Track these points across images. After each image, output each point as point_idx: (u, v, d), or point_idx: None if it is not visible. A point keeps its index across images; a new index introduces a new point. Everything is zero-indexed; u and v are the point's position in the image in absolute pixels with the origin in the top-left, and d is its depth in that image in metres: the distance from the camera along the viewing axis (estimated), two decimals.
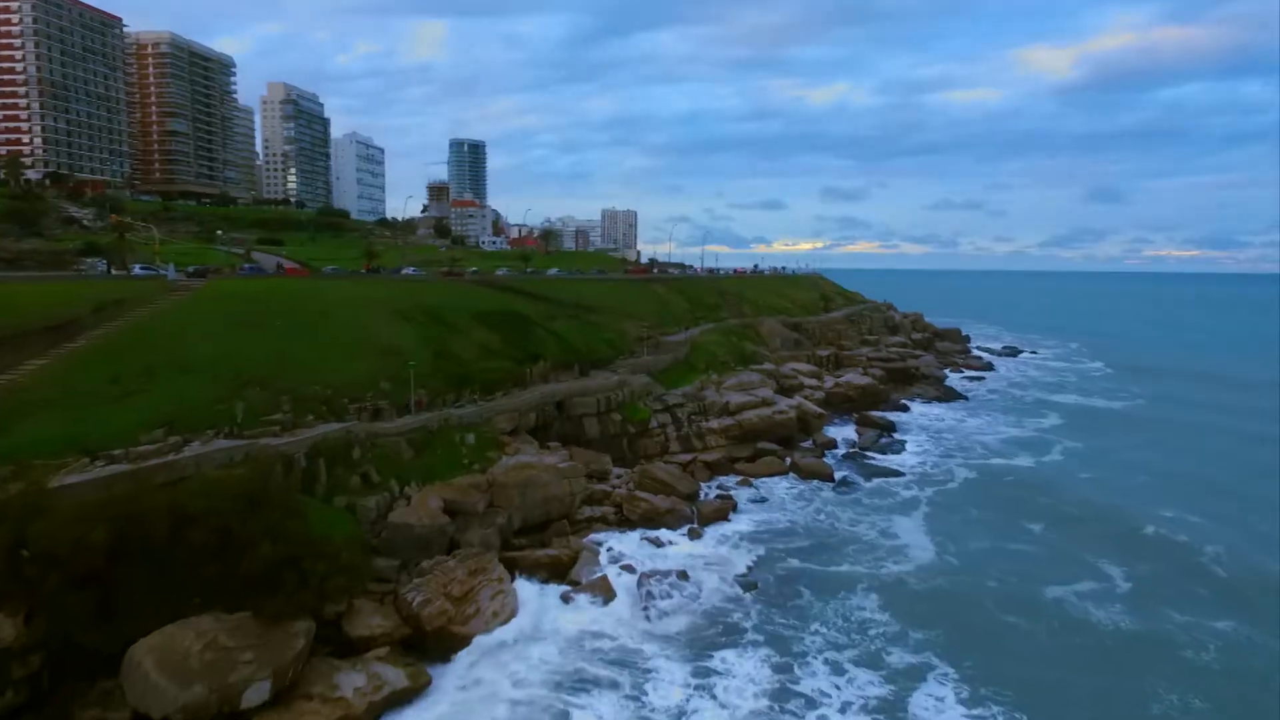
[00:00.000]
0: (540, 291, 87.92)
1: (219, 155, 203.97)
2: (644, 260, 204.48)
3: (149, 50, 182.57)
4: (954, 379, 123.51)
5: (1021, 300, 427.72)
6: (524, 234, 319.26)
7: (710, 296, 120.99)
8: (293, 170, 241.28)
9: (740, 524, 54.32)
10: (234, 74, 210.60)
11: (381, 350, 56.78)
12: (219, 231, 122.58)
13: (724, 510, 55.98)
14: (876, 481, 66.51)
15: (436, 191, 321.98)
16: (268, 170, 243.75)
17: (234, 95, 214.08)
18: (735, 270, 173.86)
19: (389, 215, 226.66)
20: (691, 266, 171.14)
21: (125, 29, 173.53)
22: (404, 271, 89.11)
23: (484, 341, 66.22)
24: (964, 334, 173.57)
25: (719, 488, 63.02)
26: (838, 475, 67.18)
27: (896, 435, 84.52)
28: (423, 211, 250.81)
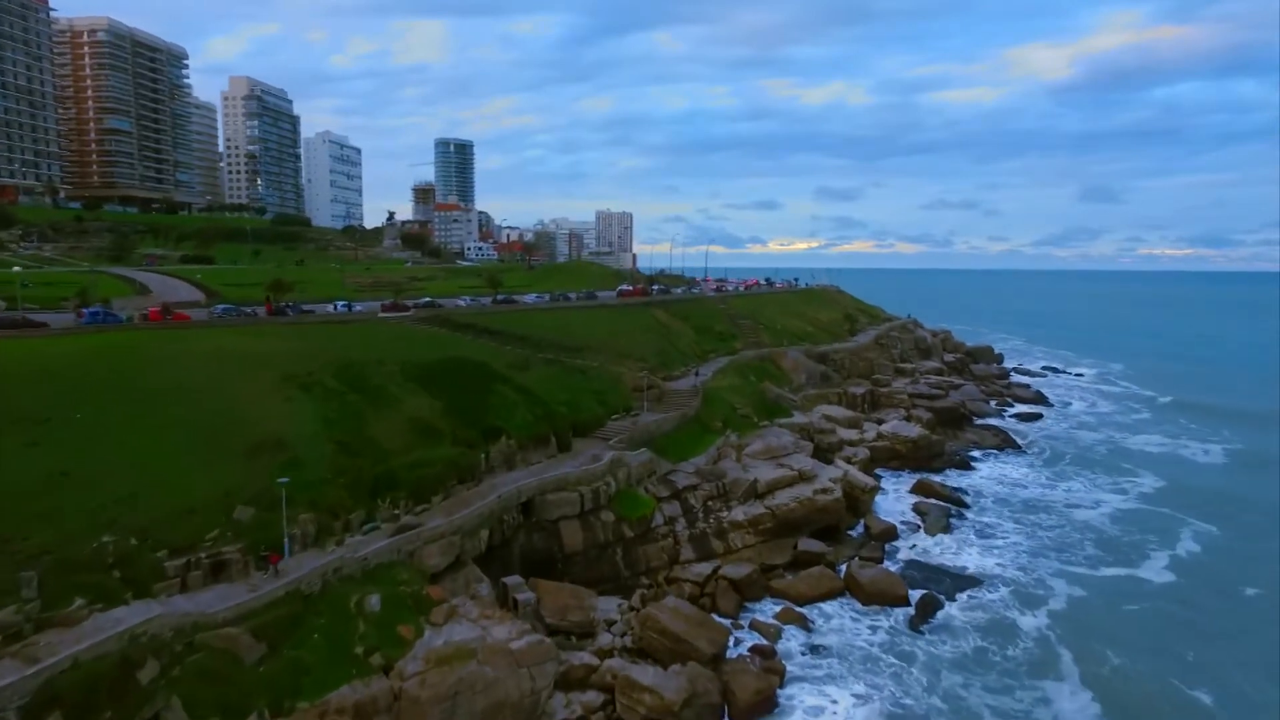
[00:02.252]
0: (510, 328, 68.63)
1: (169, 156, 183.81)
2: (640, 268, 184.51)
3: (84, 39, 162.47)
4: (1008, 417, 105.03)
5: (1024, 302, 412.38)
6: (513, 238, 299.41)
7: (720, 322, 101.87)
8: (258, 172, 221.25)
9: (804, 715, 35.20)
10: (186, 66, 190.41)
11: (252, 447, 37.40)
12: (34, 272, 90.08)
13: (768, 692, 36.81)
14: (966, 600, 48.63)
15: (422, 194, 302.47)
16: (230, 173, 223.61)
17: (187, 89, 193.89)
18: (744, 285, 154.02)
19: (367, 221, 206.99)
20: (695, 281, 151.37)
21: (53, 14, 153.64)
22: (332, 307, 68.28)
23: (420, 415, 46.87)
24: (996, 351, 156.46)
25: (753, 626, 44.14)
26: (913, 593, 48.50)
27: (969, 515, 65.63)
28: (389, 219, 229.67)
